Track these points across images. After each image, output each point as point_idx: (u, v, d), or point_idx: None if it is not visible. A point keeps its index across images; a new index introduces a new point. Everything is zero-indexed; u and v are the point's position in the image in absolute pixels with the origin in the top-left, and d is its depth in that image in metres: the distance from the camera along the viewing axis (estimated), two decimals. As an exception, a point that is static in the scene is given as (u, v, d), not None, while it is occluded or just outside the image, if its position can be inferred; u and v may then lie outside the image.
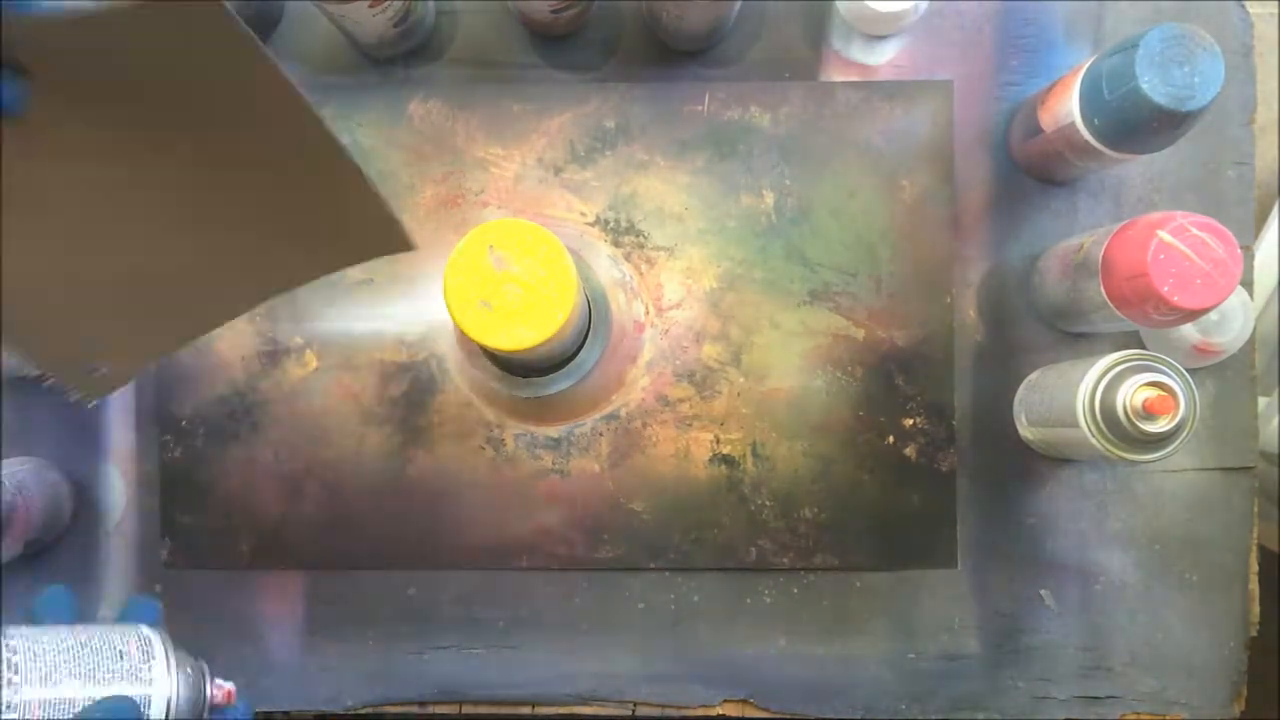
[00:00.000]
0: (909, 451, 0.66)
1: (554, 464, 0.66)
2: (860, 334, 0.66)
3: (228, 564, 0.66)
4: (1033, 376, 0.64)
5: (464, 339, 0.63)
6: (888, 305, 0.66)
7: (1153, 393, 0.53)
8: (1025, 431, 0.65)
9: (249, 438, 0.67)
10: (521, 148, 0.67)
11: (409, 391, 0.66)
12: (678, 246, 0.67)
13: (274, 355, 0.67)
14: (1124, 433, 0.54)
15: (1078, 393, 0.55)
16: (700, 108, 0.67)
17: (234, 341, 0.67)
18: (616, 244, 0.67)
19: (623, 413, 0.66)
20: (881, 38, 0.67)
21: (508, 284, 0.50)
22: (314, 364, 0.67)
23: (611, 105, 0.67)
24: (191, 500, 0.66)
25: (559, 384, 0.62)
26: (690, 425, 0.66)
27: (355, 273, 0.67)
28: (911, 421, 0.66)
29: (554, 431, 0.66)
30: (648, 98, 0.67)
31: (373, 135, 0.67)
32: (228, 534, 0.66)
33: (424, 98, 0.67)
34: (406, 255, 0.42)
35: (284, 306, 0.67)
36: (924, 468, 0.66)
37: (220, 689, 0.44)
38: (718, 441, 0.66)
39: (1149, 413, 0.53)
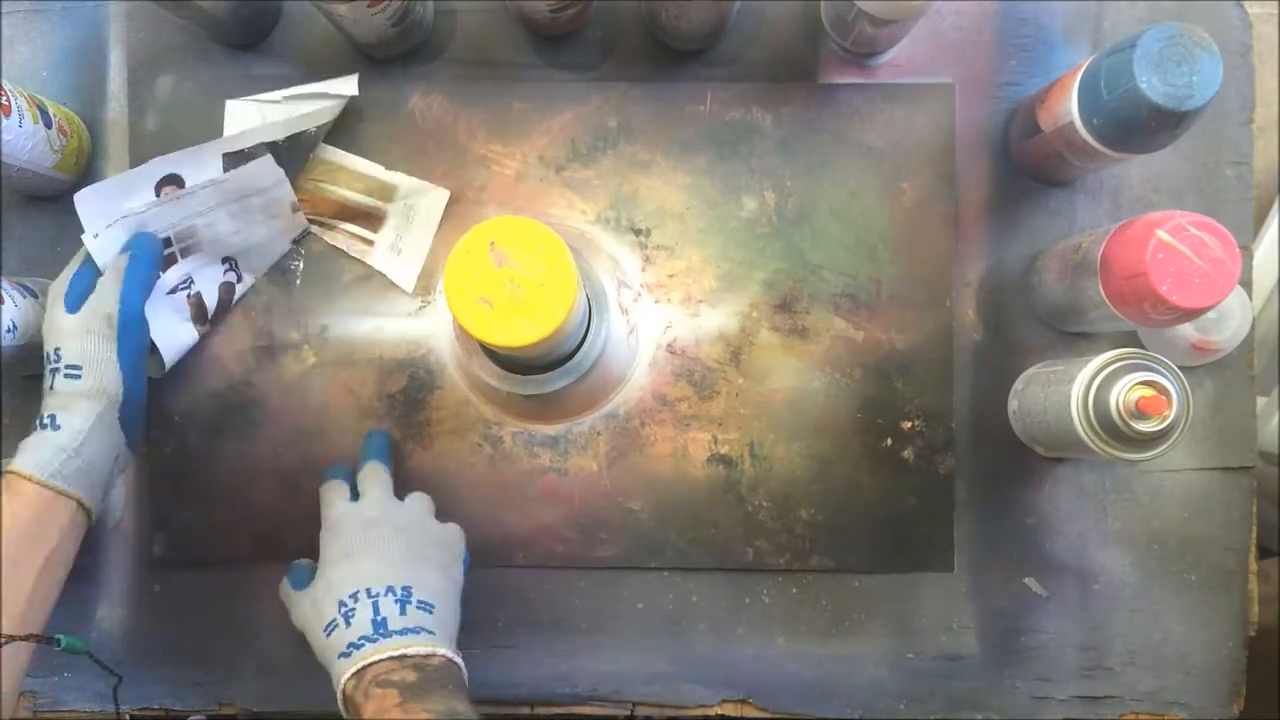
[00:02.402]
0: (907, 454, 0.66)
1: (552, 462, 0.66)
2: (860, 335, 0.66)
3: (223, 560, 0.66)
4: (1029, 371, 0.64)
5: (463, 336, 0.63)
6: (887, 307, 0.66)
7: (1146, 392, 0.53)
8: (1018, 426, 0.65)
9: (246, 433, 0.66)
10: (523, 146, 0.67)
11: (407, 388, 0.66)
12: (678, 246, 0.67)
13: (271, 351, 0.67)
14: (1117, 432, 0.54)
15: (1072, 391, 0.55)
16: (702, 108, 0.67)
17: (229, 337, 0.67)
18: (617, 243, 0.67)
19: (621, 411, 0.66)
20: (881, 37, 0.67)
21: (508, 281, 0.50)
22: (312, 360, 0.67)
23: (613, 104, 0.67)
24: (186, 496, 0.66)
25: (558, 382, 0.62)
26: (688, 425, 0.66)
27: (354, 269, 0.67)
28: (910, 424, 0.66)
29: (552, 429, 0.66)
30: (649, 97, 0.67)
31: (373, 133, 0.67)
32: (224, 530, 0.66)
33: (425, 93, 0.67)
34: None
35: (282, 303, 0.67)
36: (922, 470, 0.66)
37: None
38: (716, 441, 0.66)
39: (1142, 412, 0.53)
